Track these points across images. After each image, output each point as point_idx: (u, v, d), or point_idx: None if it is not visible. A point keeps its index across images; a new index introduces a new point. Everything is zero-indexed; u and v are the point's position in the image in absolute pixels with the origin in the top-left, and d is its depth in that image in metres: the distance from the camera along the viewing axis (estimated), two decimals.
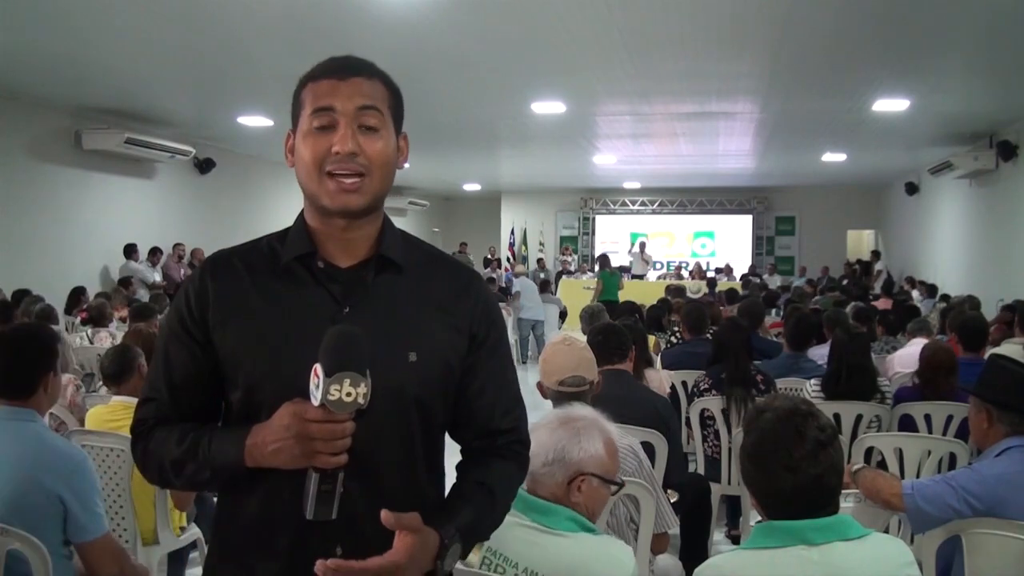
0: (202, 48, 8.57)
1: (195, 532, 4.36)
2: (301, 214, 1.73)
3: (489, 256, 22.59)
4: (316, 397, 1.46)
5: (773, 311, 11.30)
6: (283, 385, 1.56)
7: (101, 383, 4.88)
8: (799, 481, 2.04)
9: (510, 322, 13.71)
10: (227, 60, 9.14)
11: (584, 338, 4.11)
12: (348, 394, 1.44)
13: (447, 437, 1.81)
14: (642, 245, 21.24)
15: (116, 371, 4.24)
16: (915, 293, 14.05)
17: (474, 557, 2.26)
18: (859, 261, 21.63)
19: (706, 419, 5.34)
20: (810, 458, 2.05)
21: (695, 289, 14.31)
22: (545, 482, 2.40)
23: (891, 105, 10.91)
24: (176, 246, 14.04)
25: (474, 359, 1.74)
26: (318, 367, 1.45)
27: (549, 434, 2.46)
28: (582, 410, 2.56)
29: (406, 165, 1.75)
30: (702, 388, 5.40)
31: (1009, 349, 5.87)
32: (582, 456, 2.40)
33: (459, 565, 2.17)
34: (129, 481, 3.94)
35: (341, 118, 1.60)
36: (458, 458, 1.80)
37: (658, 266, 22.95)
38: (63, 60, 9.03)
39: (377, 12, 7.16)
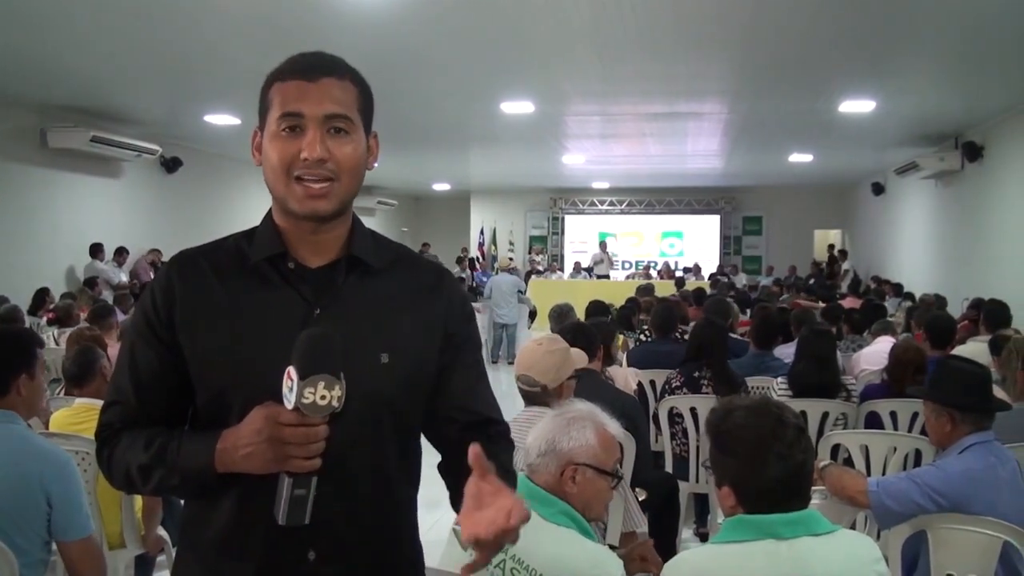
0: (169, 46, 8.48)
1: (162, 535, 4.31)
2: (269, 213, 1.69)
3: (461, 255, 22.55)
4: (290, 400, 1.42)
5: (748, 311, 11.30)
6: (253, 388, 1.53)
7: (60, 388, 4.80)
8: (789, 467, 2.08)
9: (482, 321, 13.60)
10: (194, 58, 9.05)
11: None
12: (323, 397, 1.41)
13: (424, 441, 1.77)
14: (602, 245, 21.33)
15: (77, 372, 4.18)
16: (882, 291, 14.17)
17: None
18: (829, 252, 21.80)
19: (674, 417, 5.35)
20: (795, 443, 2.10)
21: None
22: (541, 473, 2.43)
23: (857, 106, 11.00)
24: (152, 251, 13.91)
25: (452, 356, 1.72)
26: (292, 370, 1.42)
27: (543, 426, 2.51)
28: (579, 404, 2.60)
29: (375, 165, 1.72)
30: (673, 386, 5.39)
31: (974, 348, 5.94)
32: (572, 446, 2.43)
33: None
34: (95, 484, 3.88)
35: (310, 123, 1.56)
36: (436, 458, 1.76)
37: (627, 266, 23.03)
38: (28, 57, 8.90)
39: (345, 10, 7.12)
